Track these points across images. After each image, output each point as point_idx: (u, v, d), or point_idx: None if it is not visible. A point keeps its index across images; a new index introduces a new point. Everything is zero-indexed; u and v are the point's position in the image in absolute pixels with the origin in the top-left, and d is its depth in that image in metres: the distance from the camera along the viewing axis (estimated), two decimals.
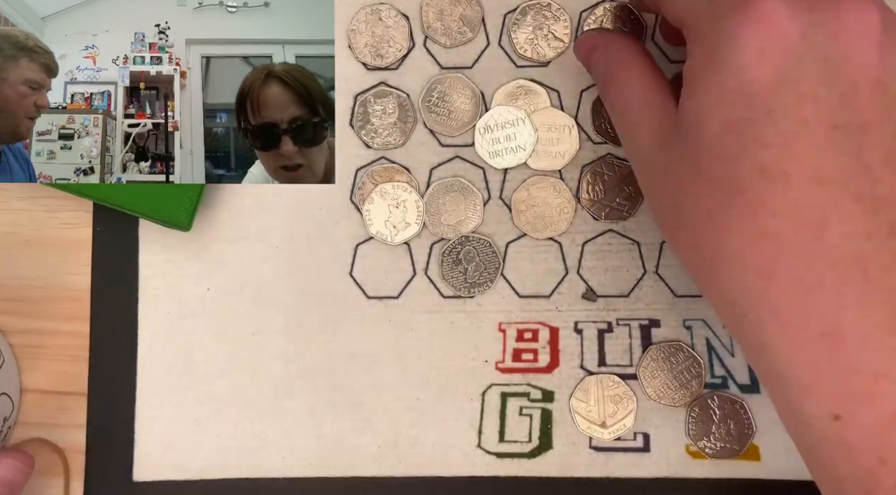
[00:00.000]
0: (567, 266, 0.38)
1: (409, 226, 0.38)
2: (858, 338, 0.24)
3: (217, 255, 0.38)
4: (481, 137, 0.38)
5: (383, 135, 0.38)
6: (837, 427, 0.24)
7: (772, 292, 0.24)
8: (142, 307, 0.38)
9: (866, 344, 0.24)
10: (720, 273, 0.25)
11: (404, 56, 0.38)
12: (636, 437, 0.37)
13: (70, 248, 0.38)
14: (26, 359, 0.38)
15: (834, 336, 0.24)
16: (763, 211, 0.24)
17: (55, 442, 0.38)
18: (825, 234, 0.24)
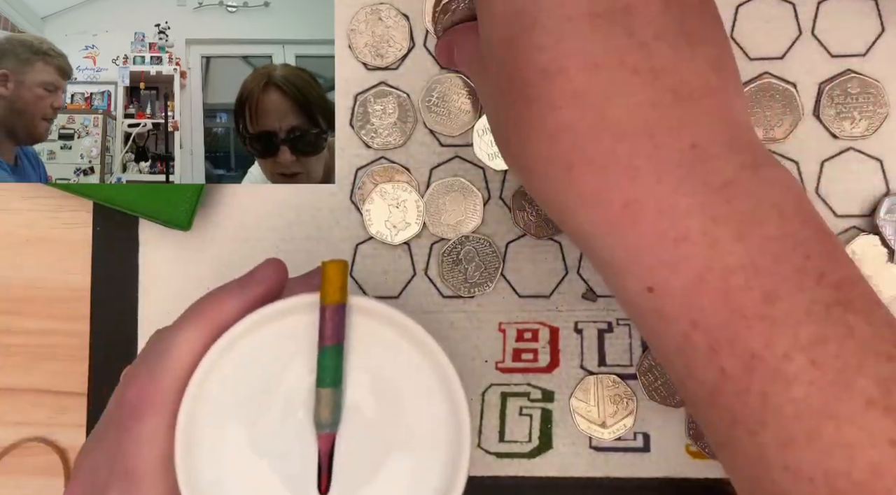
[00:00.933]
0: (567, 266, 0.38)
1: (409, 226, 0.38)
2: (655, 206, 0.24)
3: (217, 255, 0.38)
4: (480, 139, 0.38)
5: (383, 135, 0.38)
6: (652, 299, 0.25)
7: (574, 180, 0.25)
8: (142, 307, 0.38)
9: (663, 210, 0.24)
10: (538, 177, 0.26)
11: (404, 56, 0.38)
12: (636, 437, 0.37)
13: (70, 248, 0.38)
14: (26, 359, 0.38)
15: (633, 207, 0.24)
16: (552, 109, 0.25)
17: (55, 442, 0.38)
18: (608, 112, 0.24)
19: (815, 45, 0.38)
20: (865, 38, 0.38)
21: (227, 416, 0.25)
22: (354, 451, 0.25)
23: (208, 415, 0.25)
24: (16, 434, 0.38)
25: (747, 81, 0.38)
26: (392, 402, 0.26)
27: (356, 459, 0.26)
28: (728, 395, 0.24)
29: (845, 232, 0.37)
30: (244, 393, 0.26)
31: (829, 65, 0.38)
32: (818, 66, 0.38)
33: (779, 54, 0.38)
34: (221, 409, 0.25)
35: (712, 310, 0.24)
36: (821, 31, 0.38)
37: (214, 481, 0.25)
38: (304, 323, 0.26)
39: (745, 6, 0.38)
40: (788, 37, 0.38)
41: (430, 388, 0.26)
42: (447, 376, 0.26)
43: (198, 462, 0.25)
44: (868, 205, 0.37)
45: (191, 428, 0.25)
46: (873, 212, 0.37)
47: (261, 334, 0.26)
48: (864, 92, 0.37)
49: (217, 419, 0.25)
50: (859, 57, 0.38)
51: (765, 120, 0.37)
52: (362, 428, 0.26)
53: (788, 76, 0.38)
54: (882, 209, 0.36)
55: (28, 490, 0.38)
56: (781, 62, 0.38)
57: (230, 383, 0.25)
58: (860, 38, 0.38)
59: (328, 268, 0.25)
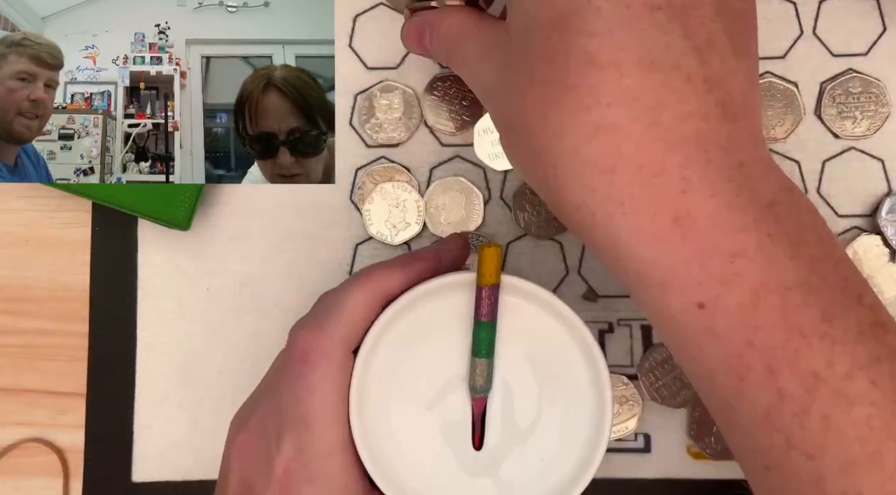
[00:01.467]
0: (568, 266, 0.37)
1: (409, 226, 0.37)
2: (709, 220, 0.23)
3: (217, 255, 0.38)
4: (480, 139, 0.37)
5: (388, 130, 0.38)
6: (702, 316, 0.23)
7: (616, 185, 0.23)
8: (141, 307, 0.38)
9: (717, 225, 0.23)
10: (562, 176, 0.24)
11: (405, 55, 0.38)
12: (637, 438, 0.37)
13: (69, 248, 0.38)
14: (25, 359, 0.38)
15: (685, 221, 0.23)
16: (597, 103, 0.23)
17: (54, 442, 0.38)
18: (661, 117, 0.23)
19: (816, 44, 0.38)
20: (867, 37, 0.37)
21: (394, 376, 0.28)
22: (505, 413, 0.29)
23: (378, 373, 0.28)
24: (15, 434, 0.38)
25: None
26: (539, 367, 0.29)
27: (507, 420, 0.29)
28: (785, 417, 0.23)
29: (846, 232, 0.37)
30: (408, 357, 0.29)
31: (830, 64, 0.37)
32: (819, 66, 0.38)
33: (780, 54, 0.38)
34: (389, 369, 0.28)
35: (770, 328, 0.23)
36: (822, 30, 0.38)
37: (383, 434, 0.28)
38: (460, 299, 0.29)
39: None
40: (790, 36, 0.38)
41: (571, 354, 0.29)
42: (586, 342, 0.28)
43: (369, 414, 0.28)
44: (869, 205, 0.37)
45: (363, 384, 0.28)
46: (875, 212, 0.37)
47: (425, 305, 0.29)
48: (866, 91, 0.37)
49: (385, 378, 0.28)
50: (861, 56, 0.37)
51: (766, 119, 0.37)
52: (512, 392, 0.29)
53: (790, 75, 0.37)
54: (883, 209, 0.36)
55: (27, 490, 0.38)
56: (783, 61, 0.38)
57: (397, 346, 0.28)
58: (862, 38, 0.38)
59: (485, 252, 0.27)
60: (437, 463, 0.28)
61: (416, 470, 0.28)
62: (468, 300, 0.28)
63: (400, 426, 0.28)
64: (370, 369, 0.28)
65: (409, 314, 0.29)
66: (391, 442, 0.28)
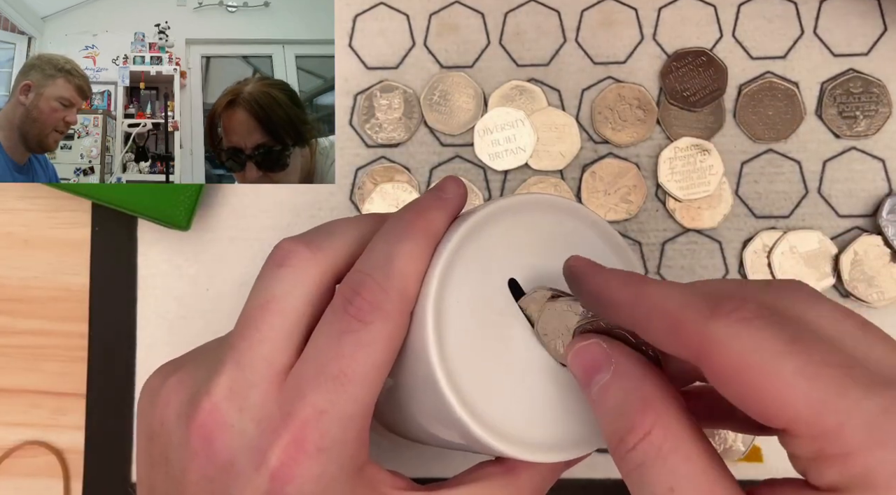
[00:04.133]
0: None
1: None
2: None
3: (216, 255, 0.38)
4: (480, 139, 0.37)
5: (388, 130, 0.38)
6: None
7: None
8: (140, 307, 0.38)
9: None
10: None
11: (405, 55, 0.38)
12: None
13: (69, 248, 0.38)
14: (25, 360, 0.38)
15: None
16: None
17: (53, 443, 0.38)
18: None
19: (817, 44, 0.38)
20: (868, 37, 0.37)
21: (463, 304, 0.26)
22: None
23: (449, 309, 0.26)
24: (14, 435, 0.38)
25: (749, 81, 0.37)
26: None
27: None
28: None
29: (847, 232, 0.37)
30: (473, 291, 0.26)
31: (831, 64, 0.37)
32: (820, 66, 0.37)
33: (781, 53, 0.38)
34: (459, 302, 0.26)
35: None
36: (823, 30, 0.38)
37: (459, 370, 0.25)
38: (514, 225, 0.27)
39: (748, 5, 0.38)
40: (790, 36, 0.38)
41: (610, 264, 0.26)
42: (624, 253, 0.27)
43: (446, 349, 0.25)
44: (871, 205, 0.37)
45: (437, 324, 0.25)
46: (876, 212, 0.37)
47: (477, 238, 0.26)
48: (867, 91, 0.37)
49: (455, 310, 0.26)
50: (861, 56, 0.37)
51: (767, 119, 0.37)
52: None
53: (790, 75, 0.37)
54: (885, 209, 0.36)
55: (27, 491, 0.38)
56: (783, 61, 0.38)
57: (460, 280, 0.26)
58: (862, 38, 0.37)
59: None
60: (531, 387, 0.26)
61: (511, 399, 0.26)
62: (546, 221, 0.27)
63: (484, 359, 0.26)
64: (443, 306, 0.26)
65: (465, 248, 0.26)
66: (478, 376, 0.25)
